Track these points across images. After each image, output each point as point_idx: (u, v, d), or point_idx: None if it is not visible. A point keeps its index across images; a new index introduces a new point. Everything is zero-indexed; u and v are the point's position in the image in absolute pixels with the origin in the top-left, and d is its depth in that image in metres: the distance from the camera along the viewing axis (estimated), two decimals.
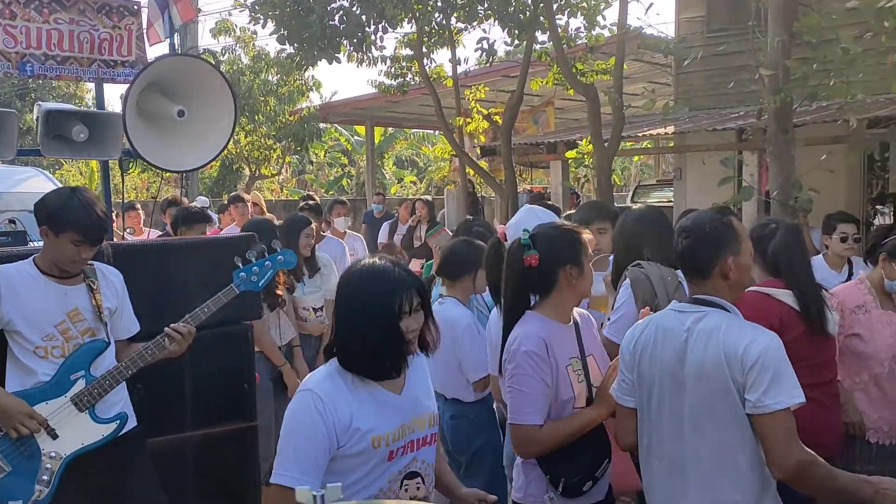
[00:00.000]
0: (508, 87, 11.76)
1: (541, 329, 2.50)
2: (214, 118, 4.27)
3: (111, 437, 2.90)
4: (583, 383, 2.55)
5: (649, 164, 24.48)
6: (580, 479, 2.48)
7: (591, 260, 2.60)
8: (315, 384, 2.10)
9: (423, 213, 9.18)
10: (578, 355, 2.57)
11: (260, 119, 17.37)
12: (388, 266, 2.12)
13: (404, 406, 2.15)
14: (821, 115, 7.25)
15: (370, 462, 2.08)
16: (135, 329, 3.13)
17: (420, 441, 2.18)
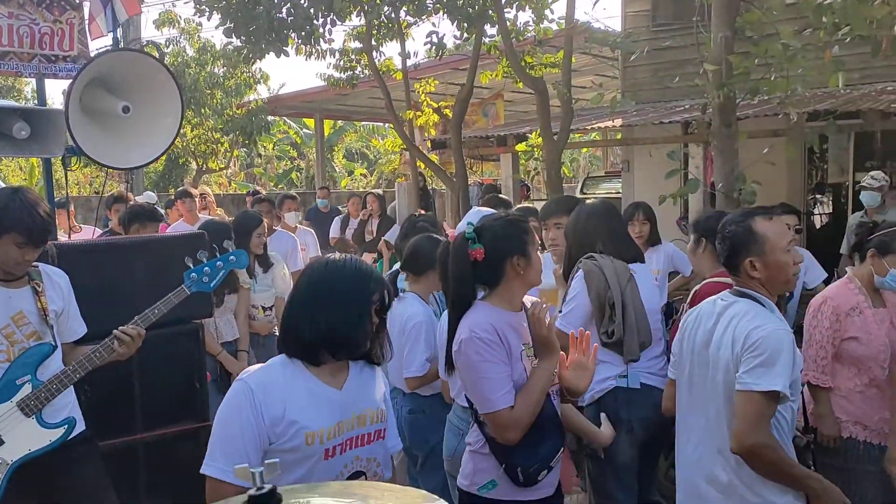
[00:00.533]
0: (458, 79, 11.78)
1: (490, 317, 2.48)
2: (160, 114, 4.20)
3: (59, 442, 2.84)
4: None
5: (598, 156, 24.75)
6: (537, 467, 2.46)
7: (538, 249, 2.60)
8: (250, 375, 2.09)
9: (374, 206, 9.17)
10: (530, 342, 2.54)
11: (206, 112, 17.08)
12: (365, 264, 2.20)
13: (343, 402, 2.11)
14: (762, 109, 7.43)
15: (308, 461, 2.04)
16: (82, 331, 3.06)
17: (362, 438, 2.14)
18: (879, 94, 8.05)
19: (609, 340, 3.28)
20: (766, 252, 2.44)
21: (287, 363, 2.10)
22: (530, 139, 8.48)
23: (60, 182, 4.80)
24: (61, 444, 2.85)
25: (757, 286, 2.51)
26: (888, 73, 8.56)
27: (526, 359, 2.50)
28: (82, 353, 2.89)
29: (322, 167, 16.93)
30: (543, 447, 2.47)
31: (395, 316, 3.63)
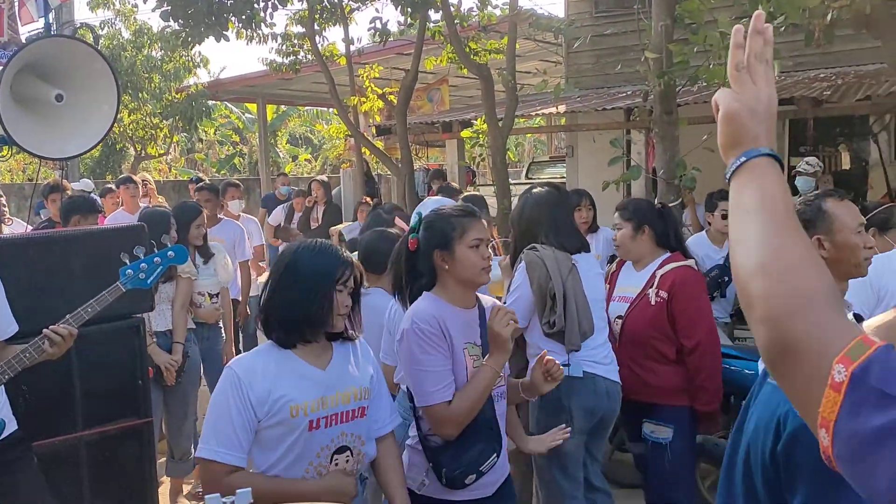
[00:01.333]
0: (403, 64, 11.72)
1: (433, 308, 2.45)
2: (96, 102, 4.08)
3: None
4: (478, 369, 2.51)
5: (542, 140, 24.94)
6: (462, 471, 2.41)
7: (477, 245, 2.47)
8: (236, 361, 2.24)
9: (318, 193, 9.07)
10: (477, 342, 2.51)
11: (144, 97, 16.65)
12: (333, 246, 2.29)
13: (327, 380, 2.22)
14: (702, 95, 7.58)
15: (293, 434, 2.15)
16: (12, 330, 2.94)
17: (346, 414, 2.24)
18: (812, 81, 8.29)
19: (551, 331, 3.31)
20: (835, 231, 2.44)
21: (273, 348, 2.22)
22: (476, 125, 8.48)
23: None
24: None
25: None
26: (821, 60, 8.81)
27: (468, 357, 2.47)
28: (11, 352, 2.79)
29: (265, 152, 16.70)
30: (471, 451, 2.42)
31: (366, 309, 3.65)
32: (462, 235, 2.46)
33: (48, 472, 3.01)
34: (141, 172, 13.55)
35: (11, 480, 2.82)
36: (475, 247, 2.45)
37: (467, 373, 2.45)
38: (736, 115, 1.15)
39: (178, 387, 4.56)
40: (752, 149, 1.13)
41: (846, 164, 10.80)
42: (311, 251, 2.24)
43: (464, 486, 2.44)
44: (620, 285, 3.78)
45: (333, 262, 2.21)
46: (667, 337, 3.52)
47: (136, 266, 2.91)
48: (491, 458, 2.45)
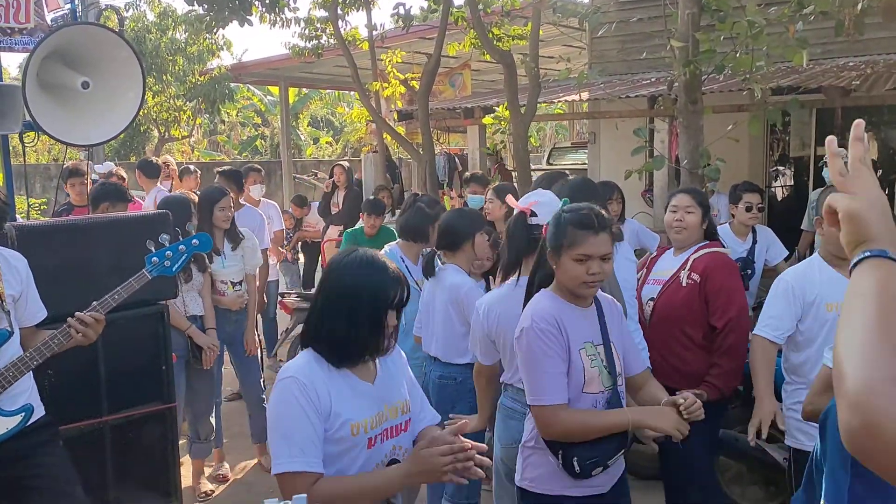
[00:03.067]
0: (425, 49, 11.67)
1: (552, 306, 2.47)
2: (121, 89, 4.12)
3: (17, 430, 2.79)
4: (595, 369, 2.47)
5: (564, 126, 24.79)
6: (595, 460, 2.43)
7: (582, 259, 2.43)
8: (296, 370, 2.09)
9: (340, 178, 9.07)
10: (595, 340, 2.50)
11: (168, 79, 16.74)
12: (382, 259, 2.15)
13: (378, 395, 2.17)
14: (727, 84, 7.48)
15: (352, 451, 2.09)
16: (41, 315, 3.00)
17: (396, 428, 2.20)
18: (840, 69, 8.16)
19: None
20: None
21: (320, 359, 2.12)
22: (497, 112, 8.44)
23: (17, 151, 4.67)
24: (20, 431, 2.81)
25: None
26: (850, 48, 8.66)
27: (585, 357, 2.45)
28: (41, 338, 2.84)
29: (287, 135, 16.74)
30: (606, 444, 2.44)
31: (438, 284, 3.78)
32: (570, 247, 2.43)
33: (73, 456, 3.06)
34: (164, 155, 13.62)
35: (39, 463, 2.88)
36: (580, 261, 2.42)
37: (584, 374, 2.44)
38: (857, 214, 1.19)
39: (203, 370, 4.63)
40: (877, 248, 1.17)
41: (874, 153, 10.64)
42: (362, 267, 2.12)
43: (589, 477, 2.47)
44: (657, 269, 3.79)
45: (385, 282, 2.10)
46: (696, 319, 3.52)
47: (161, 254, 2.95)
48: (620, 454, 2.48)
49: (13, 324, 2.84)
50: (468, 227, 3.81)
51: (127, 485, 3.62)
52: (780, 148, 11.17)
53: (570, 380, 2.42)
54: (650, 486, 4.12)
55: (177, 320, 4.38)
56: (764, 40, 5.04)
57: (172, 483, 3.79)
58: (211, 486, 4.88)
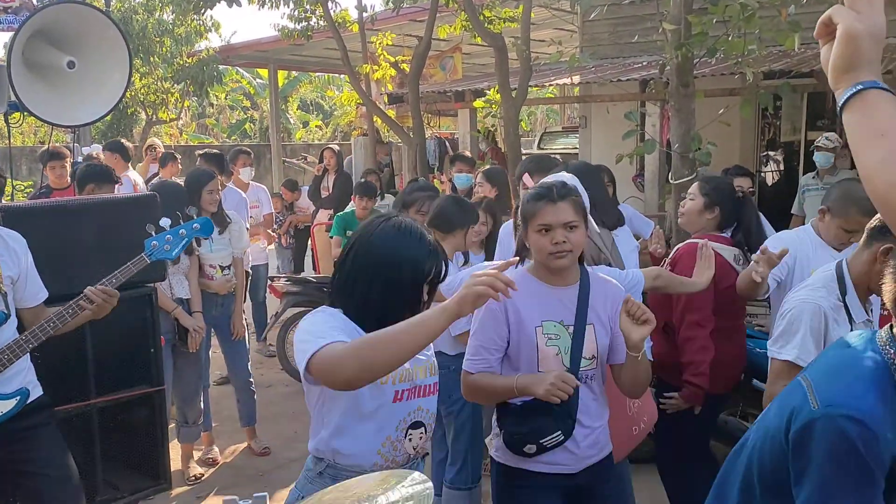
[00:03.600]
0: (416, 31, 11.59)
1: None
2: (107, 70, 4.07)
3: (13, 412, 2.77)
4: (553, 349, 2.44)
5: (555, 110, 24.75)
6: (520, 437, 2.43)
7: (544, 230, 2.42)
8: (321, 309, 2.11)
9: (330, 161, 9.03)
10: (565, 320, 2.45)
11: (156, 61, 16.53)
12: (422, 230, 2.11)
13: None
14: (718, 68, 7.47)
15: (376, 401, 2.06)
16: (43, 296, 2.96)
17: (424, 389, 2.18)
18: None
19: None
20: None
21: (346, 319, 2.07)
22: (488, 95, 8.40)
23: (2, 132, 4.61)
24: (16, 414, 2.78)
25: (865, 270, 2.54)
26: None
27: (541, 336, 2.43)
28: (45, 316, 2.81)
29: (276, 118, 16.62)
30: (533, 422, 2.42)
31: None
32: (531, 219, 2.44)
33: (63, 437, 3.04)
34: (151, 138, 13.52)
35: (35, 446, 2.85)
36: (542, 232, 2.41)
37: (538, 352, 2.43)
38: (858, 36, 1.15)
39: (190, 353, 4.62)
40: (868, 80, 1.14)
41: None
42: (401, 237, 2.06)
43: (524, 454, 2.46)
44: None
45: (424, 255, 2.04)
46: (666, 308, 3.50)
47: (161, 238, 2.93)
48: (555, 435, 2.41)
49: (10, 306, 2.81)
50: (463, 220, 3.80)
51: (115, 468, 3.60)
52: (771, 132, 11.18)
53: (521, 356, 2.44)
54: (640, 469, 4.13)
55: (163, 302, 4.35)
56: (756, 23, 5.02)
57: (161, 466, 3.77)
58: (200, 469, 4.87)
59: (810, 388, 1.59)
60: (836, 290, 2.54)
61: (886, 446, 1.46)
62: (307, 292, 6.65)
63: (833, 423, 1.48)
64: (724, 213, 3.57)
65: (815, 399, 1.55)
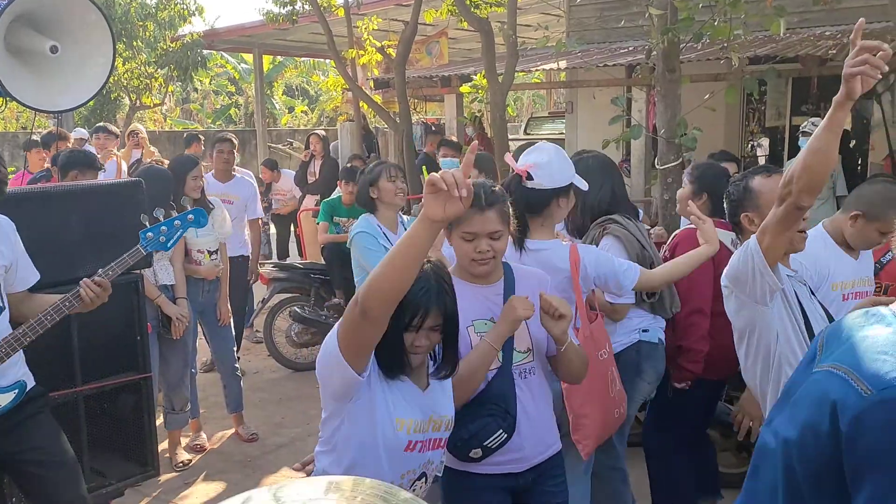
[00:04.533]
0: (402, 16, 11.53)
1: None
2: (91, 55, 4.03)
3: (12, 405, 2.75)
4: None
5: (541, 95, 24.71)
6: (463, 442, 2.37)
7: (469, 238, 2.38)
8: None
9: (317, 147, 8.99)
10: (495, 317, 2.42)
11: (139, 45, 16.37)
12: (423, 272, 2.03)
13: (427, 403, 2.14)
14: (704, 53, 7.48)
15: (390, 448, 2.05)
16: (34, 279, 2.92)
17: (437, 442, 2.17)
18: (818, 38, 8.17)
19: (651, 300, 3.26)
20: (762, 206, 2.50)
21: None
22: (475, 80, 8.38)
23: None
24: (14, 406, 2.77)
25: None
26: (827, 17, 8.69)
27: (474, 334, 2.41)
28: (42, 301, 2.79)
29: (261, 104, 16.52)
30: (473, 425, 2.36)
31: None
32: (457, 225, 2.36)
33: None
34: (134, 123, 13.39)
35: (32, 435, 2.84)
36: (468, 240, 2.36)
37: (472, 349, 2.38)
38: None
39: (177, 339, 4.60)
40: None
41: (848, 123, 10.72)
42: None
43: (469, 459, 2.40)
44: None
45: (409, 299, 1.95)
46: None
47: (156, 229, 2.91)
48: (497, 434, 2.38)
49: (3, 297, 2.78)
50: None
51: (102, 455, 3.58)
52: (757, 118, 11.22)
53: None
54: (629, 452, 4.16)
55: (147, 289, 4.32)
56: (742, 8, 5.03)
57: (149, 453, 3.76)
58: (188, 455, 4.87)
59: (850, 373, 1.41)
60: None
61: None
62: (294, 278, 6.64)
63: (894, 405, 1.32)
64: (714, 198, 3.56)
65: (864, 384, 1.36)
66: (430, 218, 1.71)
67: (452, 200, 1.68)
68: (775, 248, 2.24)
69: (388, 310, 1.86)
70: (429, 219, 1.71)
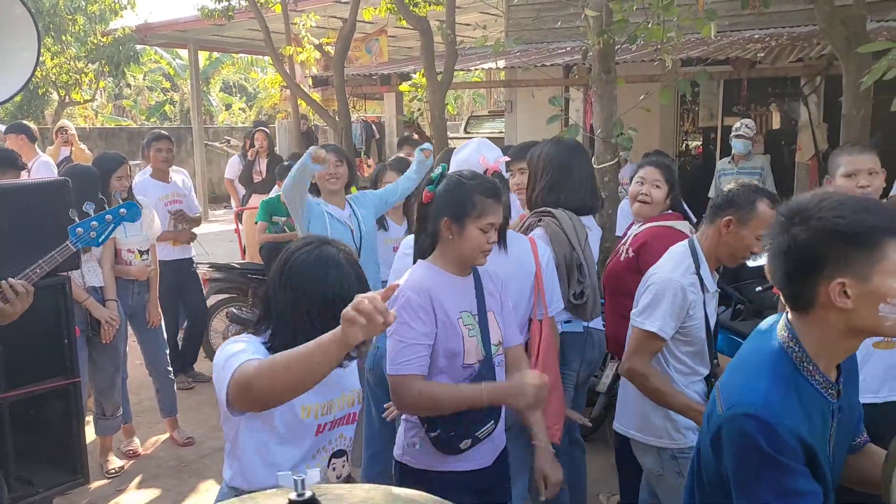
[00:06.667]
0: (340, 13, 11.44)
1: (428, 279, 2.38)
2: (15, 49, 3.87)
3: None
4: (474, 339, 2.41)
5: (482, 94, 24.83)
6: (456, 434, 2.36)
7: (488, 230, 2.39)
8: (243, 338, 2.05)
9: (262, 144, 8.78)
10: (472, 310, 2.43)
11: (68, 39, 15.87)
12: (340, 259, 2.01)
13: (336, 382, 2.09)
14: (640, 55, 7.62)
15: (299, 434, 2.02)
16: None
17: (348, 417, 2.15)
18: (747, 42, 8.41)
19: (579, 302, 3.25)
20: (749, 226, 2.66)
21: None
22: (414, 79, 8.37)
23: None
24: None
25: (715, 242, 2.75)
26: (756, 21, 8.94)
27: (464, 326, 2.38)
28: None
29: (197, 100, 16.19)
30: (467, 416, 2.35)
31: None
32: (479, 217, 2.36)
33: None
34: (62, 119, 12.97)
35: None
36: (485, 231, 2.37)
37: (463, 342, 2.38)
38: None
39: (107, 343, 4.48)
40: None
41: (776, 124, 11.07)
42: (315, 265, 1.98)
43: (459, 451, 2.39)
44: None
45: (345, 286, 1.94)
46: (631, 293, 3.56)
47: (86, 224, 2.80)
48: (488, 425, 2.40)
49: None
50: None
51: (29, 463, 3.46)
52: (691, 118, 11.48)
53: (452, 348, 2.36)
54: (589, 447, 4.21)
55: (74, 292, 4.19)
56: (674, 11, 5.13)
57: (78, 460, 3.65)
58: (120, 462, 4.74)
59: (718, 392, 1.66)
60: (691, 264, 2.75)
61: (787, 431, 1.50)
62: (231, 279, 6.53)
63: (734, 423, 1.55)
64: (675, 193, 3.67)
65: (721, 402, 1.61)
66: (350, 343, 1.65)
67: (373, 324, 1.62)
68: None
69: (282, 403, 1.84)
70: (347, 344, 1.66)
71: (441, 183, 2.42)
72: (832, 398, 1.61)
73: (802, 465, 1.51)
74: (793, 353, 1.59)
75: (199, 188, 13.02)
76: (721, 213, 2.73)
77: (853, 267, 1.51)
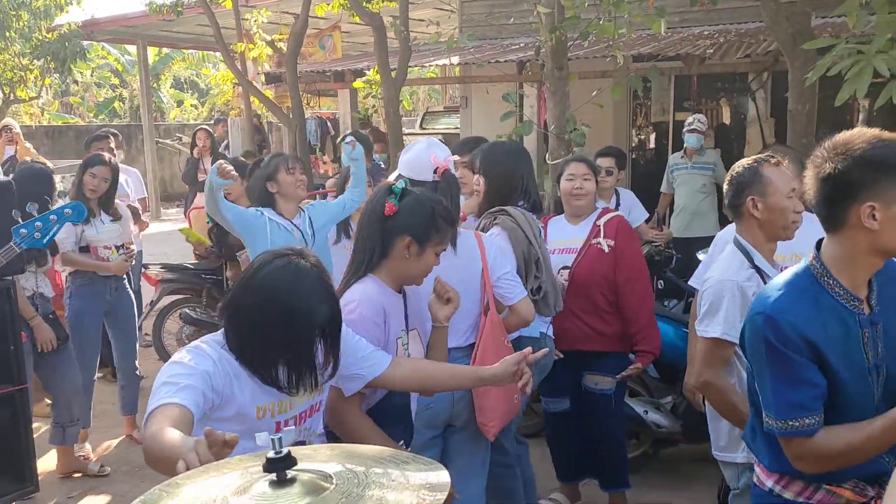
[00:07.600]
0: (292, 9, 11.32)
1: (380, 295, 2.34)
2: None
3: None
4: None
5: (437, 90, 24.80)
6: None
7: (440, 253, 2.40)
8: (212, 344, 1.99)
9: (205, 143, 8.69)
10: (404, 328, 2.43)
11: (12, 36, 15.43)
12: (312, 274, 1.97)
13: None
14: (592, 51, 7.68)
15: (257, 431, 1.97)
16: None
17: (313, 408, 2.13)
18: (697, 38, 8.53)
19: (538, 297, 3.24)
20: (769, 193, 2.55)
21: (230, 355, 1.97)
22: (368, 76, 8.33)
23: None
24: None
25: (755, 228, 2.61)
26: (705, 17, 9.09)
27: (400, 346, 2.39)
28: None
29: (147, 97, 15.89)
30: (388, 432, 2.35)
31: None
32: (439, 243, 2.38)
33: None
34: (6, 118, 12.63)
35: None
36: (437, 255, 2.39)
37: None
38: None
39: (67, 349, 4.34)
40: None
41: (726, 119, 11.26)
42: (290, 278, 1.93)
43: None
44: (557, 239, 3.76)
45: (318, 302, 1.94)
46: (613, 283, 3.65)
47: (30, 225, 2.74)
48: (399, 445, 2.38)
49: None
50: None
51: None
52: (643, 113, 11.62)
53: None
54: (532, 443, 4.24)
55: (21, 306, 3.92)
56: (625, 8, 5.19)
57: (27, 468, 3.58)
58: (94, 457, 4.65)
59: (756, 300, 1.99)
60: (744, 260, 2.61)
61: (791, 327, 1.80)
62: (184, 279, 6.43)
63: (750, 322, 1.91)
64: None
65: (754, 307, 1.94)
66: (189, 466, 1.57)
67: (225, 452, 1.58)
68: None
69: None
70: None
71: (406, 198, 2.36)
72: (857, 309, 1.86)
73: (807, 360, 1.80)
74: (814, 270, 1.87)
75: (149, 186, 12.79)
76: (740, 202, 2.61)
77: (883, 193, 1.75)
